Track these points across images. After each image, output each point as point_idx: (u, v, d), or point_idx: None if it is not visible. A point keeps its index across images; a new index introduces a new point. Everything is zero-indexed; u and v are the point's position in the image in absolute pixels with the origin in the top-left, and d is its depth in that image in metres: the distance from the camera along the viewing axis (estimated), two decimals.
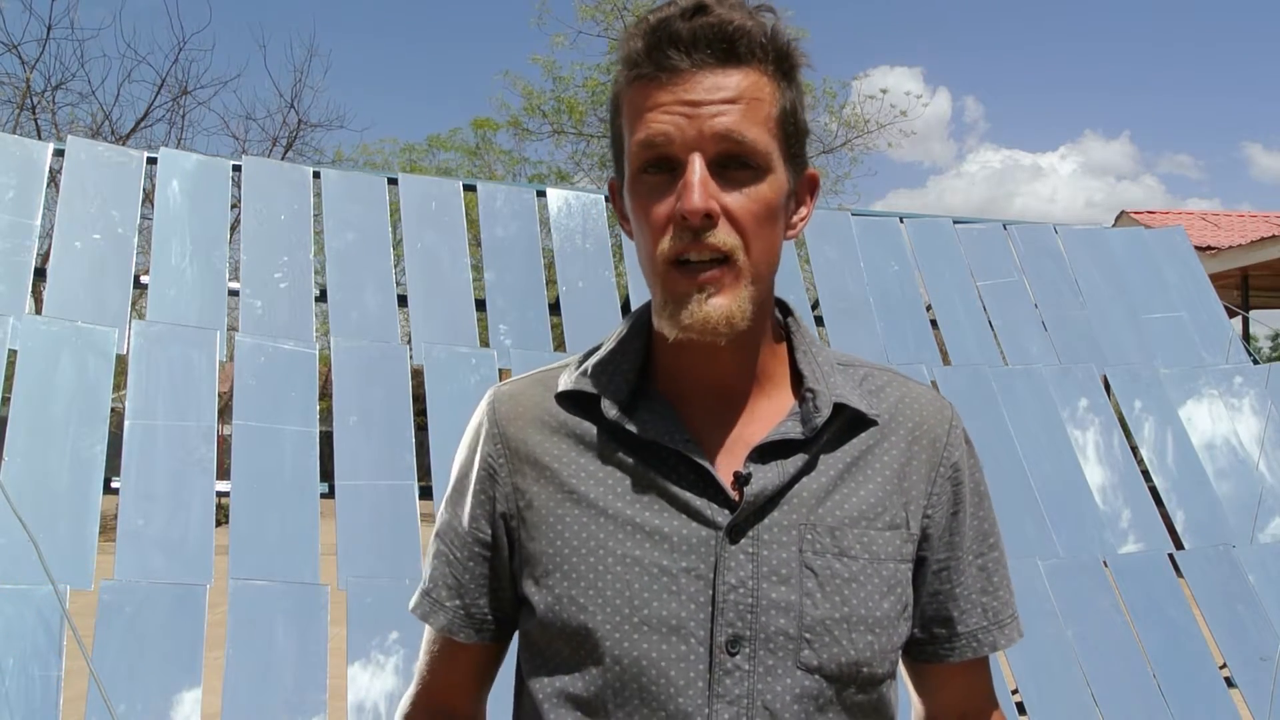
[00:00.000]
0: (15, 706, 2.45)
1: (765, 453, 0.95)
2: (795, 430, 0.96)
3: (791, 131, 0.95)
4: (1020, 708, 3.07)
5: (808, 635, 0.93)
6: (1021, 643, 1.08)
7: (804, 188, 1.00)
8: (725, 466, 0.96)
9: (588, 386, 0.99)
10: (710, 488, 0.95)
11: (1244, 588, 3.46)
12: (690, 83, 0.89)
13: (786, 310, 1.05)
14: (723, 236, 0.90)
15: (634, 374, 1.00)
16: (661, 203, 0.91)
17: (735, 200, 0.90)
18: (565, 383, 1.01)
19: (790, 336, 1.04)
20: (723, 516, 0.94)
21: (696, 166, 0.89)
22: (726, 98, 0.89)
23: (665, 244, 0.90)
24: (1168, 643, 3.29)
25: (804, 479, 0.96)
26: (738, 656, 0.92)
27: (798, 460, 0.96)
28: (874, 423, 1.00)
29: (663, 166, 0.91)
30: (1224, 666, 3.33)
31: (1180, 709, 3.14)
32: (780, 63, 0.93)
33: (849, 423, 0.99)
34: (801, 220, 1.00)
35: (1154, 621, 3.33)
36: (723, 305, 0.90)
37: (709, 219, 0.89)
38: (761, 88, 0.91)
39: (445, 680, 1.09)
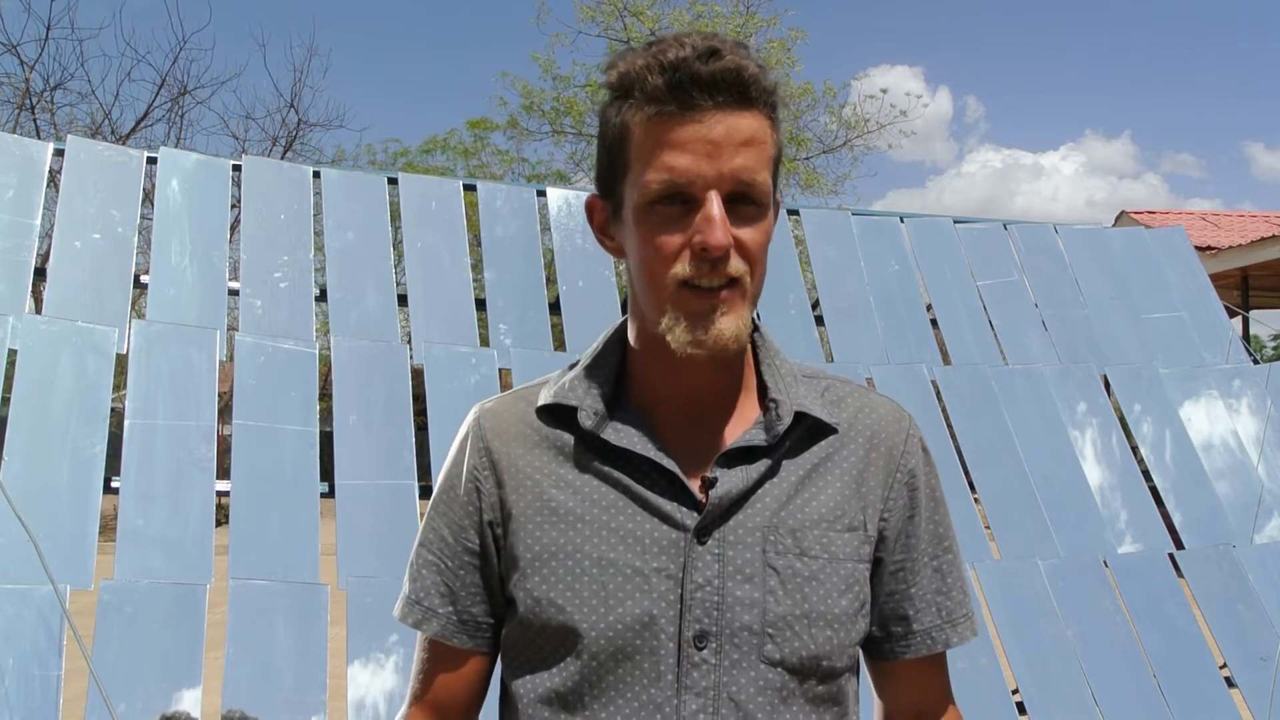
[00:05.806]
0: (15, 706, 2.45)
1: (731, 458, 1.02)
2: (759, 437, 1.03)
3: (778, 170, 1.03)
4: (1020, 708, 3.06)
5: (770, 630, 0.99)
6: (1021, 643, 1.10)
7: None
8: (695, 472, 1.02)
9: (565, 399, 1.05)
10: (680, 492, 1.01)
11: (1244, 588, 3.46)
12: (711, 121, 0.95)
13: (753, 326, 1.11)
14: (735, 265, 0.97)
15: (609, 387, 1.06)
16: (675, 232, 0.96)
17: (746, 233, 0.97)
18: (545, 397, 1.07)
19: (756, 350, 1.10)
20: (691, 519, 1.00)
21: (716, 203, 0.95)
22: (743, 140, 0.95)
23: (680, 269, 0.96)
24: (1168, 643, 3.29)
25: (768, 483, 1.03)
26: (705, 651, 0.98)
27: (761, 465, 1.02)
28: (834, 430, 1.07)
29: (675, 199, 0.96)
30: (1224, 666, 3.33)
31: (1180, 709, 3.14)
32: (774, 108, 1.00)
33: (810, 431, 1.06)
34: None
35: (1154, 621, 3.33)
36: (732, 324, 0.97)
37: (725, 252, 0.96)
38: (766, 131, 0.98)
39: (443, 691, 1.10)
